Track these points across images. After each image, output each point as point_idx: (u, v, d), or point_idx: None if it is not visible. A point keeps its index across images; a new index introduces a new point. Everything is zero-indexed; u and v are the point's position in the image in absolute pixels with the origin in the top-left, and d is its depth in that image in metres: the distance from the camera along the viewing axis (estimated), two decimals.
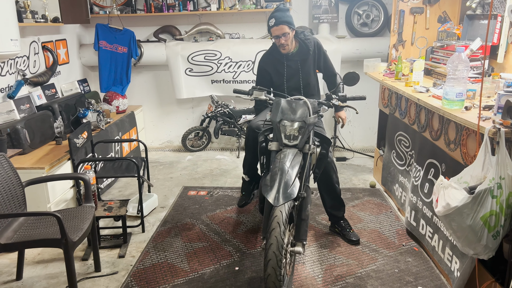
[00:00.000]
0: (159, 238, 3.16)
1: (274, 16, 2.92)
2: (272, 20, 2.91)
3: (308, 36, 3.11)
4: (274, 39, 2.99)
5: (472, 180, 2.09)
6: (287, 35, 2.93)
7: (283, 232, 2.11)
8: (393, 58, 4.10)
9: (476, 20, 3.38)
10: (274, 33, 2.94)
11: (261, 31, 5.07)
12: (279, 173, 2.27)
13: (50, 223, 2.45)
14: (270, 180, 2.27)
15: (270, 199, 2.19)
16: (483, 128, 2.02)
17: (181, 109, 5.41)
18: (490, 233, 1.97)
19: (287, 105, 2.56)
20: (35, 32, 4.04)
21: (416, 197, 3.02)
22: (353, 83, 2.82)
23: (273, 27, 2.91)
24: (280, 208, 2.16)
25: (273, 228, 2.11)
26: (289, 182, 2.24)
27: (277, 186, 2.22)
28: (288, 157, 2.36)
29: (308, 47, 3.07)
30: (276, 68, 3.11)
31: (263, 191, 2.26)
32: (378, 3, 4.84)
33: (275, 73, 3.13)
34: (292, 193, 2.21)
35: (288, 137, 2.47)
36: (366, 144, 5.31)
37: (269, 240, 2.09)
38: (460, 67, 2.35)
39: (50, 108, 3.86)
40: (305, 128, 2.47)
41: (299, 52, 3.09)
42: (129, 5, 4.89)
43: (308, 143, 2.52)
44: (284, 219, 2.13)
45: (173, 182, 4.31)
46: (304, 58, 3.09)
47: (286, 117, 2.50)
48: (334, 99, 2.76)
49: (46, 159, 3.27)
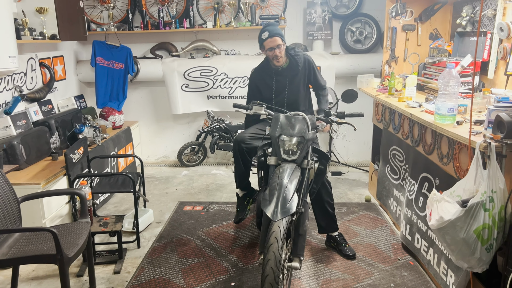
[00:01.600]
0: (154, 254, 3.15)
1: (267, 29, 2.98)
2: (265, 33, 2.97)
3: (298, 52, 3.16)
4: (267, 52, 3.03)
5: (465, 194, 2.11)
6: (281, 46, 2.99)
7: (281, 248, 2.11)
8: (386, 74, 4.17)
9: (466, 37, 3.45)
10: (268, 46, 2.99)
11: (256, 48, 5.14)
12: (278, 188, 2.28)
13: (45, 238, 2.44)
14: (268, 194, 2.28)
15: (269, 213, 2.19)
16: (474, 143, 2.06)
17: (177, 124, 5.44)
18: (484, 246, 1.99)
19: (286, 120, 2.58)
20: (32, 49, 4.08)
21: (410, 211, 3.04)
22: (351, 100, 2.85)
23: (267, 39, 2.96)
24: (278, 223, 2.17)
25: (271, 243, 2.11)
26: (288, 197, 2.25)
27: (275, 201, 2.23)
28: (286, 172, 2.37)
29: (298, 63, 3.11)
30: (265, 82, 3.17)
31: (262, 205, 2.26)
32: (371, 20, 4.94)
33: (264, 87, 3.18)
34: (291, 208, 2.21)
35: (287, 152, 2.49)
36: (361, 158, 5.35)
37: (267, 255, 2.09)
38: (451, 82, 2.40)
39: (46, 124, 3.87)
40: (304, 143, 2.49)
41: (289, 68, 3.13)
42: (126, 22, 4.96)
43: (307, 158, 2.53)
44: (282, 235, 2.13)
45: (169, 197, 4.31)
46: (293, 74, 3.13)
47: (285, 132, 2.53)
48: (332, 116, 2.79)
49: (42, 175, 3.27)
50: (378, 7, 4.84)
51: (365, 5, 4.96)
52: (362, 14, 4.95)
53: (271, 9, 4.98)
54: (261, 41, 3.01)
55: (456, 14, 3.75)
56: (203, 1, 4.98)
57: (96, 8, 4.99)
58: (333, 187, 3.08)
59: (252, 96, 3.22)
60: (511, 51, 2.74)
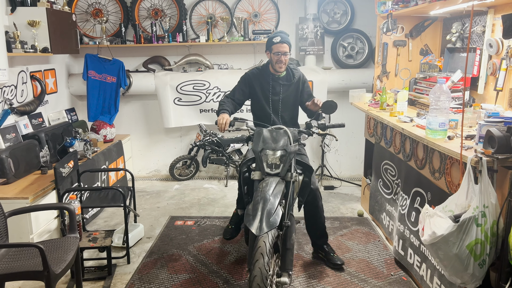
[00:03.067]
0: (144, 270, 3.09)
1: (280, 35, 3.08)
2: (277, 38, 3.05)
3: (296, 68, 3.28)
4: (272, 55, 3.10)
5: (457, 209, 2.11)
6: (287, 54, 3.08)
7: (267, 263, 2.08)
8: (378, 89, 4.20)
9: (456, 53, 3.50)
10: (276, 49, 3.06)
11: (249, 62, 5.17)
12: (261, 202, 2.26)
13: (32, 254, 2.39)
14: (252, 209, 2.26)
15: (253, 229, 2.16)
16: (466, 157, 2.07)
17: (169, 138, 5.42)
18: (476, 261, 1.98)
19: (268, 134, 2.61)
20: (23, 61, 4.05)
21: (403, 226, 3.03)
22: (331, 111, 2.87)
23: (278, 43, 3.04)
24: (263, 238, 2.15)
25: (256, 259, 2.08)
26: (272, 211, 2.23)
27: (259, 216, 2.21)
28: (269, 186, 2.36)
29: (294, 76, 3.22)
30: (262, 84, 3.21)
31: (246, 221, 2.24)
32: (362, 36, 5.00)
33: (260, 88, 3.22)
34: (275, 221, 2.20)
35: (270, 166, 2.50)
36: (353, 173, 5.35)
37: (253, 272, 2.07)
38: (442, 97, 2.42)
39: (36, 137, 3.83)
40: (287, 156, 2.50)
41: (285, 77, 3.21)
42: (119, 36, 4.96)
43: (290, 171, 2.53)
44: (267, 250, 2.11)
45: (159, 211, 4.26)
46: (287, 84, 3.21)
47: (268, 146, 2.54)
48: (313, 127, 2.83)
49: (30, 189, 3.22)
50: (369, 23, 4.90)
51: (357, 21, 5.03)
52: (353, 30, 5.01)
53: (263, 24, 5.02)
54: (271, 43, 3.08)
55: (446, 30, 3.81)
56: (196, 15, 5.02)
57: (89, 22, 5.00)
58: (325, 201, 3.08)
59: (239, 92, 3.25)
60: (500, 67, 2.77)
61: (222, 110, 3.04)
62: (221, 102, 3.18)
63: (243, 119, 2.84)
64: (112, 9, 5.00)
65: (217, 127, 2.92)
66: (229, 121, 2.90)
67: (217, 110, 3.09)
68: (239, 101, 3.24)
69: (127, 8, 4.95)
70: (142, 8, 5.00)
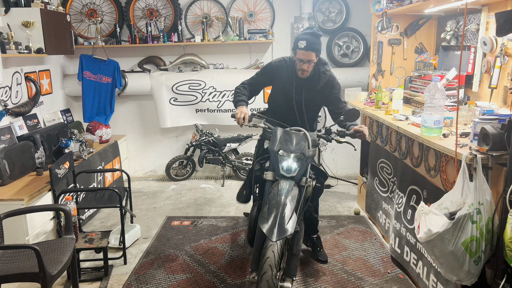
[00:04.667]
0: (141, 270, 3.08)
1: (306, 39, 2.65)
2: (303, 42, 2.65)
3: (326, 71, 2.92)
4: (296, 61, 2.77)
5: (452, 206, 2.12)
6: (311, 62, 2.74)
7: (274, 276, 2.06)
8: (373, 87, 4.21)
9: (450, 51, 3.51)
10: (299, 56, 2.71)
11: (244, 62, 5.17)
12: (277, 207, 2.22)
13: (28, 256, 2.38)
14: (267, 212, 2.22)
15: (265, 230, 2.14)
16: (461, 155, 2.08)
17: (165, 138, 5.40)
18: (472, 258, 1.99)
19: (286, 135, 2.51)
20: (18, 62, 4.03)
21: (399, 223, 3.04)
22: (353, 119, 2.70)
23: (302, 49, 2.67)
24: (272, 247, 2.12)
25: (264, 271, 2.06)
26: (286, 217, 2.19)
27: (273, 220, 2.17)
28: (285, 190, 2.30)
29: (320, 81, 2.89)
30: (285, 82, 2.93)
31: (260, 222, 2.20)
32: (357, 35, 5.00)
33: (282, 87, 2.96)
34: (288, 230, 2.16)
35: (286, 169, 2.41)
36: (349, 171, 5.36)
37: (260, 284, 2.05)
38: (437, 95, 2.43)
39: (31, 138, 3.81)
40: (304, 160, 2.43)
41: (310, 80, 2.89)
42: (113, 36, 4.95)
43: (305, 176, 2.46)
44: (276, 261, 2.09)
45: (156, 212, 4.25)
46: (311, 88, 2.91)
47: (285, 148, 2.45)
48: (333, 134, 2.69)
49: (25, 190, 3.20)
50: (364, 22, 4.91)
51: (352, 20, 5.03)
52: (348, 29, 5.02)
53: (259, 23, 5.02)
54: (296, 47, 2.71)
55: (441, 28, 3.83)
56: (191, 15, 5.01)
57: (84, 22, 4.98)
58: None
59: (260, 81, 3.00)
60: (494, 65, 2.78)
61: (240, 102, 2.76)
62: (237, 90, 2.89)
63: (262, 116, 2.67)
64: (107, 9, 4.99)
65: (234, 120, 2.68)
66: (248, 116, 2.67)
67: (234, 100, 2.82)
68: (256, 89, 3.02)
69: (121, 8, 4.94)
70: (137, 8, 4.98)
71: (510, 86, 2.63)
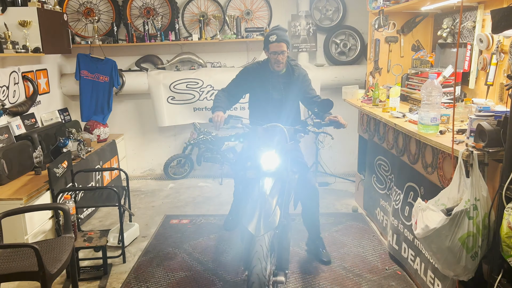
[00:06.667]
0: (140, 269, 3.09)
1: (276, 33, 2.93)
2: (273, 36, 2.91)
3: (298, 64, 3.16)
4: (270, 55, 2.97)
5: (449, 202, 2.13)
6: (285, 53, 2.95)
7: (264, 269, 2.07)
8: (370, 85, 4.22)
9: (447, 48, 3.53)
10: (272, 49, 2.93)
11: (242, 60, 5.17)
12: (259, 202, 2.25)
13: (27, 255, 2.38)
14: (250, 209, 2.25)
15: (251, 229, 2.16)
16: (457, 151, 2.09)
17: (163, 137, 5.41)
18: (469, 254, 2.01)
19: (264, 132, 2.57)
20: (15, 62, 4.03)
21: (397, 220, 3.05)
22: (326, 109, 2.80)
23: (273, 42, 2.91)
24: (260, 241, 2.13)
25: (254, 265, 2.07)
26: (270, 211, 2.22)
27: (257, 216, 2.20)
28: (267, 185, 2.35)
29: (294, 73, 3.08)
30: (261, 81, 3.07)
31: (243, 221, 2.23)
32: (354, 33, 5.01)
33: (260, 86, 3.08)
34: (273, 222, 2.19)
35: (266, 164, 2.47)
36: (347, 169, 5.37)
37: (251, 277, 2.05)
38: (434, 93, 2.44)
39: (29, 137, 3.81)
40: (283, 154, 2.48)
41: (285, 75, 3.08)
42: (111, 35, 4.94)
43: (286, 169, 2.52)
44: (265, 254, 2.09)
45: (154, 210, 4.26)
46: (288, 81, 3.07)
47: (263, 144, 2.51)
48: (309, 126, 2.79)
49: (24, 190, 3.21)
50: (361, 20, 4.92)
51: (349, 18, 5.04)
52: (346, 27, 5.03)
53: (256, 22, 5.03)
54: (267, 42, 2.95)
55: (437, 26, 3.84)
56: (188, 14, 5.01)
57: (81, 21, 4.97)
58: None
59: (237, 88, 3.12)
60: (490, 62, 2.80)
61: (216, 107, 2.93)
62: (216, 98, 3.06)
63: (238, 117, 2.77)
64: (104, 8, 4.98)
65: (212, 125, 2.84)
66: (224, 119, 2.79)
67: (212, 107, 2.99)
68: (235, 96, 3.12)
69: (118, 7, 4.93)
70: (134, 7, 4.98)
71: (506, 83, 2.65)
